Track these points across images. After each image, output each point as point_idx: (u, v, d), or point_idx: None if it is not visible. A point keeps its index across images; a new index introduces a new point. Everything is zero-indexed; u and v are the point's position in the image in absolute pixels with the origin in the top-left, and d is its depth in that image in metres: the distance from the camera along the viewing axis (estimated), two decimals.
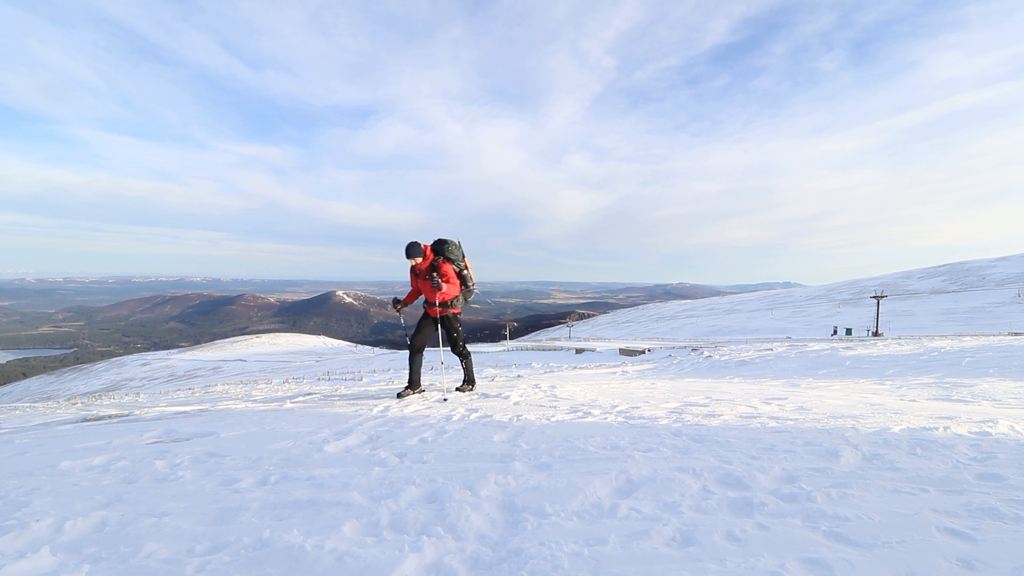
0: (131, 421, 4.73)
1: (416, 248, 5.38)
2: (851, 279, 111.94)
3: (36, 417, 7.02)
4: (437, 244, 5.63)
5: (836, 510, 1.94)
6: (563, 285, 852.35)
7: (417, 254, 5.36)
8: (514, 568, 1.55)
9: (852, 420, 3.82)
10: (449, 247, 5.63)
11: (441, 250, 5.58)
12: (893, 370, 10.15)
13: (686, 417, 4.10)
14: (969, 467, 2.51)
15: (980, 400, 5.79)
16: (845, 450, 2.85)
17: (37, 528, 1.84)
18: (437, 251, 5.58)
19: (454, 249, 5.67)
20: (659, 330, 78.70)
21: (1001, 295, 65.13)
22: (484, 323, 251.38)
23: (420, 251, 5.38)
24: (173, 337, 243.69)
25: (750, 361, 14.00)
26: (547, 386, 7.24)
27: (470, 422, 4.00)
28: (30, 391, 66.18)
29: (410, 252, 5.37)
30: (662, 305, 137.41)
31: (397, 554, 1.61)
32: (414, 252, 5.37)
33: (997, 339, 15.60)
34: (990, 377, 8.16)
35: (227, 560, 1.61)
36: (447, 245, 5.63)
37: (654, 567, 1.55)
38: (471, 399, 5.53)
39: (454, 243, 5.73)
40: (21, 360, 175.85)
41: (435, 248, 5.61)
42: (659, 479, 2.35)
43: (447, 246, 5.63)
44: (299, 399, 6.53)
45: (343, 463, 2.76)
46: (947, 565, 1.53)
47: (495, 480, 2.37)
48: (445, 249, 5.60)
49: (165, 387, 37.60)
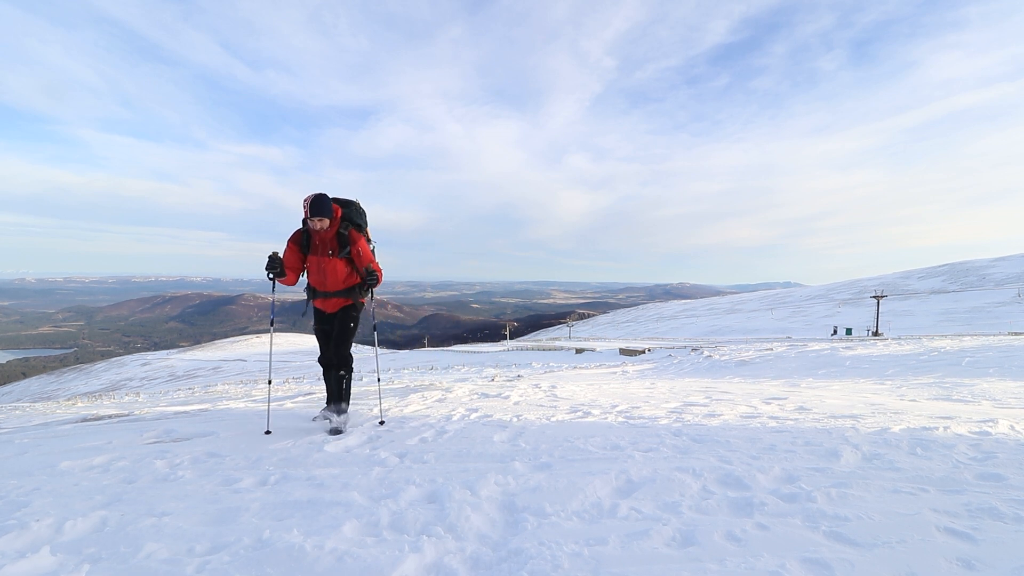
0: (131, 421, 4.73)
1: (326, 204, 3.65)
2: (851, 279, 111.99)
3: (36, 417, 7.02)
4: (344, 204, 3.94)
5: (836, 510, 1.94)
6: (563, 285, 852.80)
7: (327, 214, 3.66)
8: (514, 568, 1.55)
9: (852, 420, 3.83)
10: (356, 210, 4.01)
11: (350, 215, 3.91)
12: (893, 370, 10.15)
13: (686, 417, 4.10)
14: (969, 467, 2.51)
15: (980, 400, 5.79)
16: (845, 450, 2.85)
17: (37, 528, 1.84)
18: (346, 215, 3.88)
19: (362, 215, 4.08)
20: (659, 330, 78.73)
21: (1001, 295, 65.13)
22: (484, 323, 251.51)
23: (331, 210, 3.69)
24: (173, 337, 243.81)
25: (750, 361, 14.00)
26: (547, 386, 7.24)
27: (470, 422, 4.00)
28: (30, 391, 66.20)
29: (318, 208, 3.62)
30: (662, 305, 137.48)
31: (397, 554, 1.61)
32: (322, 209, 3.63)
33: (997, 339, 15.61)
34: (990, 377, 8.16)
35: (227, 560, 1.61)
36: (354, 207, 4.00)
37: (654, 567, 1.55)
38: (471, 399, 5.52)
39: (359, 206, 4.08)
40: (21, 360, 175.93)
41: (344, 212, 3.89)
42: (659, 479, 2.35)
43: (354, 208, 3.99)
44: (299, 399, 6.53)
45: (343, 463, 2.76)
46: (947, 565, 1.53)
47: (495, 480, 2.37)
48: (354, 213, 3.95)
49: (165, 387, 37.60)
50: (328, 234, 3.79)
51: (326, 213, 3.68)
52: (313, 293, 3.97)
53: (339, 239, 3.83)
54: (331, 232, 3.80)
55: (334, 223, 3.79)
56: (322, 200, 3.69)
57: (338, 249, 3.82)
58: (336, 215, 3.78)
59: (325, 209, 3.67)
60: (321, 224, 3.70)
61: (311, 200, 3.67)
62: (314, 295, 3.97)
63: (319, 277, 3.89)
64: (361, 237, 3.90)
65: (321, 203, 3.68)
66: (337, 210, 3.80)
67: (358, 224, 3.97)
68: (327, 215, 3.68)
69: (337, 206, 3.82)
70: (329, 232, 3.79)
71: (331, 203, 3.71)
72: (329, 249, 3.82)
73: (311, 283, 3.96)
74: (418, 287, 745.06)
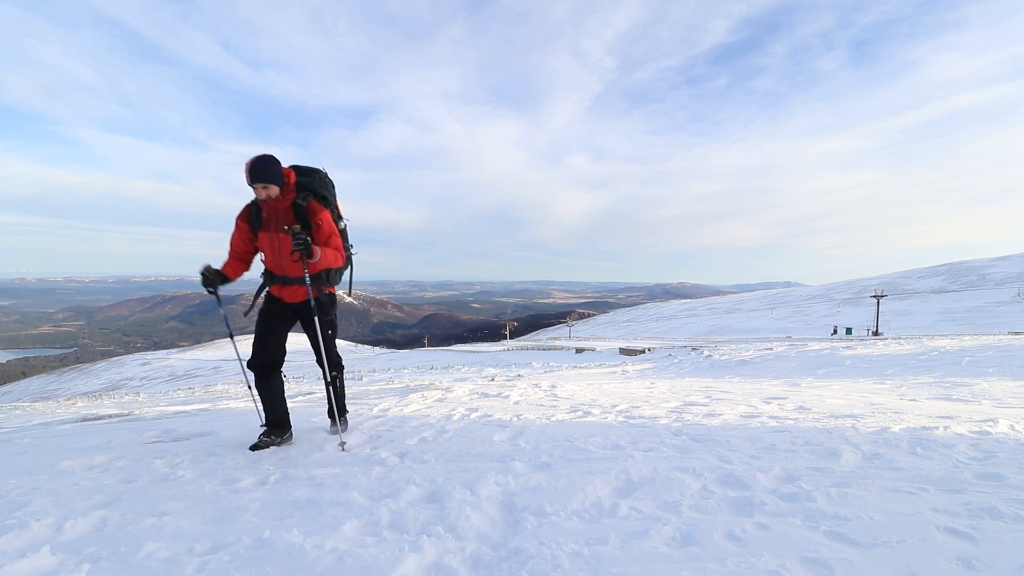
0: (131, 420, 4.73)
1: (271, 167, 2.99)
2: (851, 279, 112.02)
3: (36, 417, 7.02)
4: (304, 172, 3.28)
5: (836, 510, 1.94)
6: (563, 285, 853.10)
7: (274, 180, 3.00)
8: (514, 568, 1.55)
9: (852, 420, 3.83)
10: (321, 180, 3.33)
11: (312, 185, 3.25)
12: (893, 369, 10.15)
13: (686, 417, 4.10)
14: (969, 466, 2.51)
15: (980, 399, 5.79)
16: (845, 450, 2.85)
17: (37, 528, 1.84)
18: (306, 185, 3.23)
19: (328, 186, 3.38)
20: (659, 330, 78.75)
21: (1001, 294, 65.14)
22: (484, 323, 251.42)
23: (279, 175, 3.03)
24: (173, 337, 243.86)
25: (750, 361, 14.00)
26: (547, 386, 7.24)
27: (470, 422, 4.00)
28: (30, 391, 66.21)
29: (259, 172, 2.96)
30: (662, 305, 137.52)
31: (397, 554, 1.61)
32: (266, 174, 2.97)
33: (997, 338, 15.62)
34: (990, 376, 8.16)
35: (227, 560, 1.61)
36: (318, 176, 3.31)
37: (654, 567, 1.55)
38: (471, 398, 5.52)
39: (326, 176, 3.39)
40: (21, 360, 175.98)
41: (302, 179, 3.23)
42: (659, 479, 2.35)
43: (317, 178, 3.31)
44: (299, 399, 6.53)
45: (343, 463, 2.76)
46: (947, 565, 1.53)
47: (495, 480, 2.37)
48: (316, 183, 3.28)
49: (165, 387, 37.62)
50: (282, 204, 3.12)
51: (271, 179, 3.00)
52: (271, 278, 3.28)
53: (295, 211, 3.14)
54: (285, 202, 3.13)
55: (287, 192, 3.12)
56: (266, 163, 2.98)
57: (293, 223, 3.14)
58: (289, 181, 3.11)
59: (269, 174, 2.99)
60: (267, 192, 3.02)
61: (251, 163, 2.97)
62: (271, 280, 3.27)
63: (275, 259, 3.19)
64: (323, 210, 3.18)
65: (264, 166, 2.97)
66: (289, 175, 3.12)
67: (322, 196, 3.29)
68: (274, 181, 3.01)
69: (290, 171, 3.16)
70: (283, 202, 3.12)
71: (279, 167, 3.04)
72: (284, 223, 3.13)
73: (268, 266, 3.28)
74: (418, 287, 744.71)
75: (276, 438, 3.23)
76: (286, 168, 3.12)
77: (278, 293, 3.29)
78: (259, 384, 3.30)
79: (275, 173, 3.00)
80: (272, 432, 3.25)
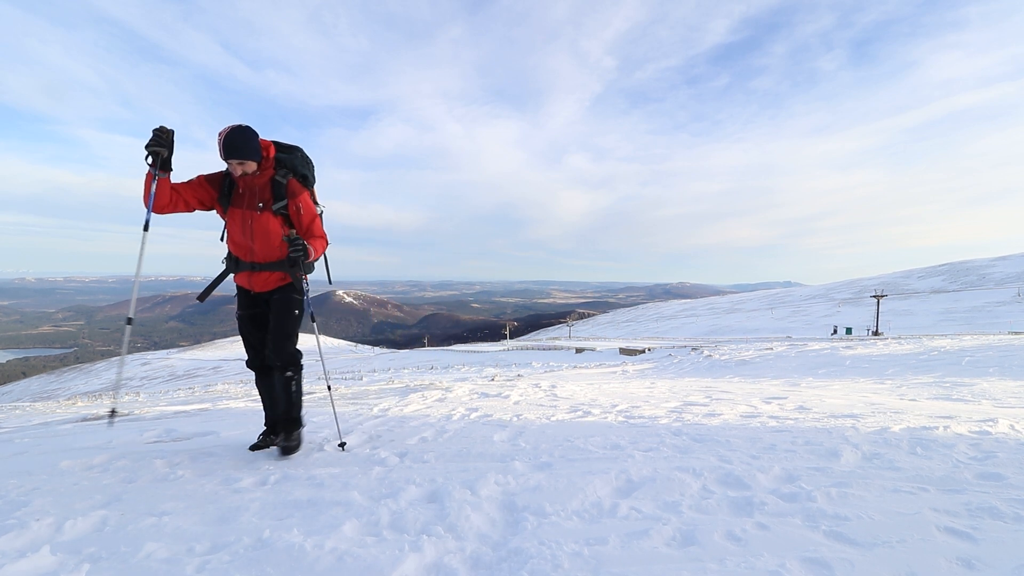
0: (131, 420, 4.73)
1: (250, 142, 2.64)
2: (851, 279, 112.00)
3: (36, 416, 7.02)
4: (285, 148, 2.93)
5: (836, 510, 1.94)
6: (563, 285, 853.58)
7: (251, 155, 2.66)
8: (514, 568, 1.55)
9: (852, 419, 3.83)
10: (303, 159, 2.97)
11: (293, 163, 2.89)
12: (893, 369, 10.15)
13: (686, 416, 4.10)
14: (969, 466, 2.51)
15: (980, 399, 5.79)
16: (845, 449, 2.85)
17: (37, 528, 1.84)
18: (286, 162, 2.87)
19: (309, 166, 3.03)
20: (659, 330, 78.74)
21: (1001, 294, 65.14)
22: (484, 323, 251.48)
23: (257, 150, 2.69)
24: (173, 337, 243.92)
25: (750, 360, 14.00)
26: (547, 385, 7.24)
27: (470, 421, 4.00)
28: (30, 391, 66.21)
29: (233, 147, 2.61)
30: (662, 305, 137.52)
31: (397, 554, 1.61)
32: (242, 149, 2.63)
33: (997, 338, 15.62)
34: (990, 376, 8.16)
35: (227, 560, 1.61)
36: (299, 154, 2.96)
37: (654, 567, 1.55)
38: (472, 398, 5.52)
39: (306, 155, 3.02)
40: (21, 360, 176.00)
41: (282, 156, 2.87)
42: (659, 479, 2.35)
43: (299, 155, 2.96)
44: None
45: (343, 462, 2.76)
46: (947, 564, 1.53)
47: (495, 480, 2.37)
48: (298, 161, 2.93)
49: (165, 386, 37.61)
50: (260, 179, 2.76)
51: (249, 154, 2.64)
52: (235, 265, 2.87)
53: (274, 188, 2.78)
54: (264, 178, 2.76)
55: (266, 166, 2.77)
56: (243, 136, 2.62)
57: (271, 201, 2.77)
58: (268, 155, 2.77)
59: (247, 149, 2.63)
60: (243, 168, 2.68)
61: (226, 136, 2.58)
62: (236, 267, 2.87)
63: (244, 240, 2.78)
64: (304, 191, 2.87)
65: (241, 141, 2.61)
66: (268, 148, 2.77)
67: (303, 175, 2.95)
68: (251, 157, 2.66)
69: (270, 144, 2.80)
70: (261, 177, 2.76)
71: (257, 140, 2.68)
72: (259, 201, 2.75)
73: (232, 251, 2.88)
74: (418, 287, 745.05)
75: (276, 438, 3.01)
76: (265, 141, 2.76)
77: (247, 283, 2.88)
78: (257, 382, 3.10)
79: (253, 148, 2.66)
80: (271, 432, 3.06)
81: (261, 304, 2.94)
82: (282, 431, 2.93)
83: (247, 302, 2.94)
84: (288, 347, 2.87)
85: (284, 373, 2.89)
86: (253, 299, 2.92)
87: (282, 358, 2.86)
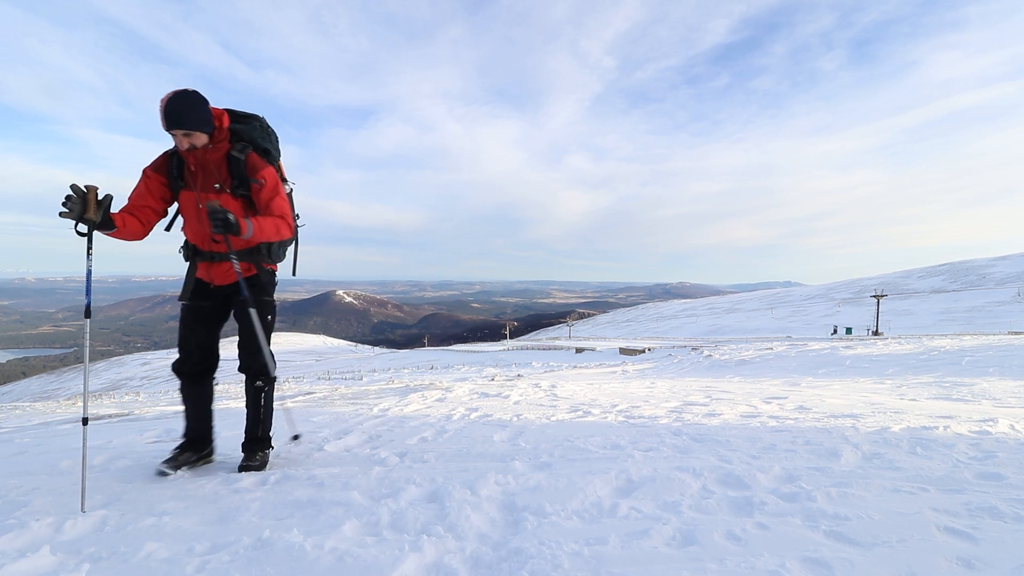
0: (131, 420, 4.74)
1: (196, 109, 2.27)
2: (851, 278, 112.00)
3: (36, 417, 7.03)
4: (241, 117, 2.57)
5: (836, 509, 1.94)
6: (563, 285, 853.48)
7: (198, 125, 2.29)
8: (514, 568, 1.55)
9: (852, 419, 3.83)
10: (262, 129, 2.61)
11: (251, 134, 2.53)
12: (893, 369, 10.15)
13: (686, 416, 4.10)
14: (969, 466, 2.51)
15: (980, 399, 5.79)
16: (845, 449, 2.85)
17: (37, 528, 1.84)
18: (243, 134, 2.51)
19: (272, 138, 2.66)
20: (659, 329, 78.75)
21: (1001, 294, 65.15)
22: (484, 323, 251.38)
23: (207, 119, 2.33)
24: (173, 337, 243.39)
25: (750, 360, 14.01)
26: (547, 385, 7.24)
27: (470, 421, 4.00)
28: (30, 391, 66.19)
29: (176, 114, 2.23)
30: (662, 304, 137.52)
31: (397, 554, 1.61)
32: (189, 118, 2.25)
33: (997, 338, 15.62)
34: (990, 376, 8.17)
35: (227, 560, 1.61)
36: (258, 124, 2.60)
37: (654, 567, 1.55)
38: (472, 398, 5.52)
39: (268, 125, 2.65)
40: (21, 360, 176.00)
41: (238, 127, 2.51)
42: (659, 478, 2.35)
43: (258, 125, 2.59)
44: (299, 399, 6.53)
45: (343, 462, 2.76)
46: (947, 564, 1.53)
47: (495, 479, 2.37)
48: (257, 132, 2.57)
49: (165, 386, 37.61)
50: (213, 155, 2.39)
51: (195, 124, 2.26)
52: (195, 254, 2.56)
53: (231, 165, 2.43)
54: (218, 153, 2.40)
55: (219, 139, 2.40)
56: (187, 102, 2.23)
57: (229, 181, 2.44)
58: (220, 125, 2.40)
59: (192, 117, 2.25)
60: (190, 141, 2.30)
61: (167, 102, 2.21)
62: (196, 256, 2.56)
63: (200, 227, 2.45)
64: (267, 166, 2.49)
65: (185, 107, 2.23)
66: (221, 118, 2.41)
67: (264, 149, 2.57)
68: (199, 127, 2.28)
69: (223, 113, 2.43)
70: (215, 152, 2.39)
71: (206, 107, 2.30)
72: (215, 181, 2.42)
73: (189, 239, 2.56)
74: (418, 287, 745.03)
75: (192, 455, 2.61)
76: (217, 109, 2.40)
77: (206, 275, 2.57)
78: (182, 390, 2.70)
79: (201, 117, 2.28)
80: (187, 448, 2.63)
81: (219, 306, 2.62)
82: (246, 450, 2.65)
83: (198, 294, 2.59)
84: (260, 357, 2.57)
85: (254, 383, 2.64)
86: (210, 291, 2.59)
87: (253, 368, 2.60)
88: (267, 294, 2.65)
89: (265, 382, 2.66)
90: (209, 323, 2.63)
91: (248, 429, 2.68)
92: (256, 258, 2.58)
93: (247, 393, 2.68)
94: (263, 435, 2.71)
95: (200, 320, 2.61)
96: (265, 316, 2.60)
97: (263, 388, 2.66)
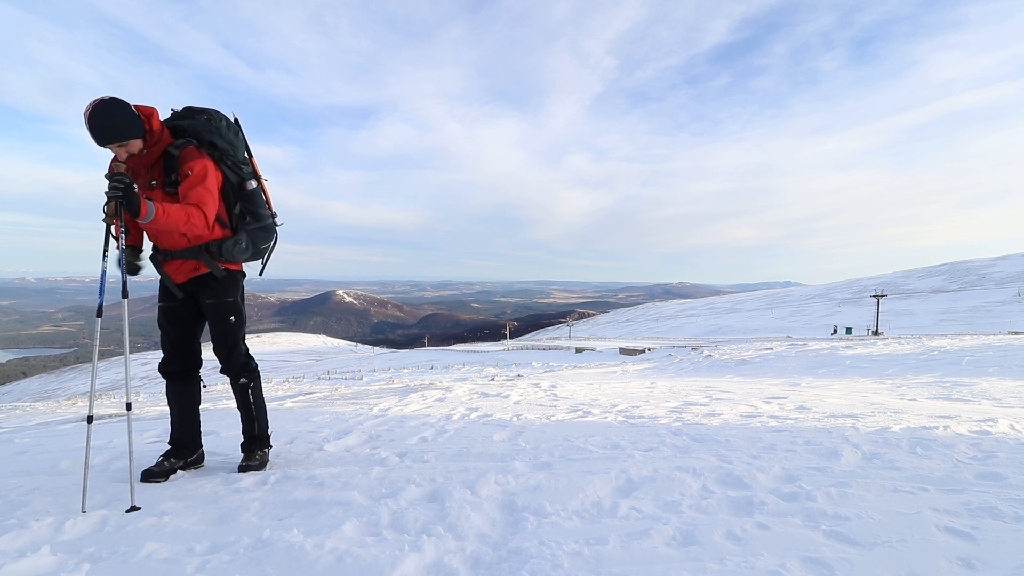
0: (131, 420, 4.73)
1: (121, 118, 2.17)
2: (851, 278, 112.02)
3: (36, 416, 7.03)
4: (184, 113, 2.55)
5: (836, 509, 1.94)
6: (563, 285, 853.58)
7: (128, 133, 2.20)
8: (514, 568, 1.55)
9: (852, 419, 3.83)
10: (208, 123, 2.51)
11: (195, 128, 2.48)
12: (893, 369, 10.15)
13: (686, 416, 4.10)
14: (969, 466, 2.51)
15: (980, 399, 5.79)
16: (845, 449, 2.85)
17: (37, 528, 1.84)
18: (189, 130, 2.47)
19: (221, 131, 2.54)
20: (659, 329, 78.76)
21: (1001, 294, 65.16)
22: (484, 323, 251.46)
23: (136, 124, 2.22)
24: None
25: (750, 360, 14.01)
26: (547, 385, 7.24)
27: (470, 421, 4.00)
28: (30, 390, 66.19)
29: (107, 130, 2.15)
30: (662, 304, 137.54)
31: (397, 554, 1.61)
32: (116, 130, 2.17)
33: (997, 338, 15.62)
34: (990, 376, 8.17)
35: (227, 560, 1.61)
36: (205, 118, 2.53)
37: (654, 566, 1.55)
38: (472, 398, 5.52)
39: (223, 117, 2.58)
40: (21, 360, 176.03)
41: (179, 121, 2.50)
42: (659, 478, 2.35)
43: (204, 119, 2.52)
44: (299, 398, 6.53)
45: (343, 462, 2.76)
46: (947, 564, 1.53)
47: (495, 479, 2.37)
48: (201, 126, 2.50)
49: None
50: (147, 159, 2.32)
51: (124, 133, 2.18)
52: (155, 252, 2.55)
53: (167, 162, 2.37)
54: (153, 155, 2.33)
55: (153, 141, 2.30)
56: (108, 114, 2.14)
57: (162, 177, 2.38)
58: (151, 127, 2.28)
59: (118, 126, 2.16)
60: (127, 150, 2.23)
61: (89, 118, 2.11)
62: (155, 256, 2.56)
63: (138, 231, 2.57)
64: (201, 158, 2.38)
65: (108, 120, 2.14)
66: (150, 117, 2.28)
67: (209, 142, 2.47)
68: (130, 135, 2.20)
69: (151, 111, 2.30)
70: (148, 157, 2.32)
71: (128, 112, 2.18)
72: (151, 178, 2.37)
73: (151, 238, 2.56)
74: (418, 287, 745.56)
75: (177, 461, 2.57)
76: (145, 108, 2.28)
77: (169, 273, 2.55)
78: (166, 391, 2.68)
79: (127, 123, 2.18)
80: (172, 455, 2.58)
81: (190, 304, 2.60)
82: (245, 450, 2.68)
83: (165, 294, 2.58)
84: (236, 355, 2.61)
85: (238, 381, 2.64)
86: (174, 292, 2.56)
87: (232, 367, 2.62)
88: (228, 295, 2.57)
89: (249, 379, 2.67)
90: (179, 323, 2.59)
91: (244, 429, 2.72)
92: (202, 256, 2.48)
93: (234, 393, 2.70)
94: (260, 433, 2.72)
95: (171, 320, 2.59)
96: (227, 317, 2.56)
97: (248, 384, 2.67)
